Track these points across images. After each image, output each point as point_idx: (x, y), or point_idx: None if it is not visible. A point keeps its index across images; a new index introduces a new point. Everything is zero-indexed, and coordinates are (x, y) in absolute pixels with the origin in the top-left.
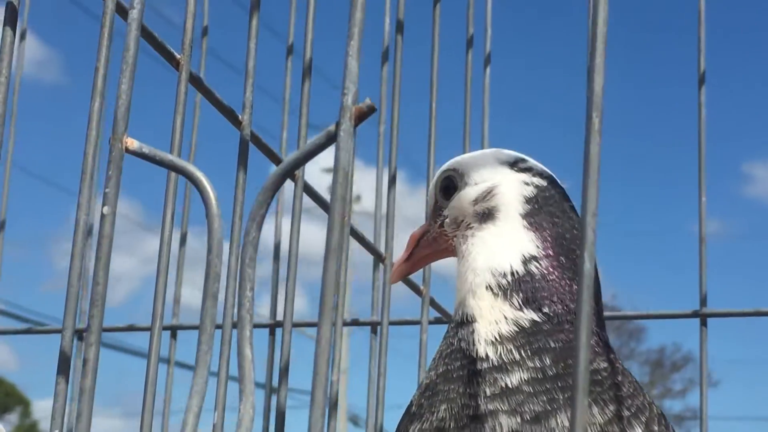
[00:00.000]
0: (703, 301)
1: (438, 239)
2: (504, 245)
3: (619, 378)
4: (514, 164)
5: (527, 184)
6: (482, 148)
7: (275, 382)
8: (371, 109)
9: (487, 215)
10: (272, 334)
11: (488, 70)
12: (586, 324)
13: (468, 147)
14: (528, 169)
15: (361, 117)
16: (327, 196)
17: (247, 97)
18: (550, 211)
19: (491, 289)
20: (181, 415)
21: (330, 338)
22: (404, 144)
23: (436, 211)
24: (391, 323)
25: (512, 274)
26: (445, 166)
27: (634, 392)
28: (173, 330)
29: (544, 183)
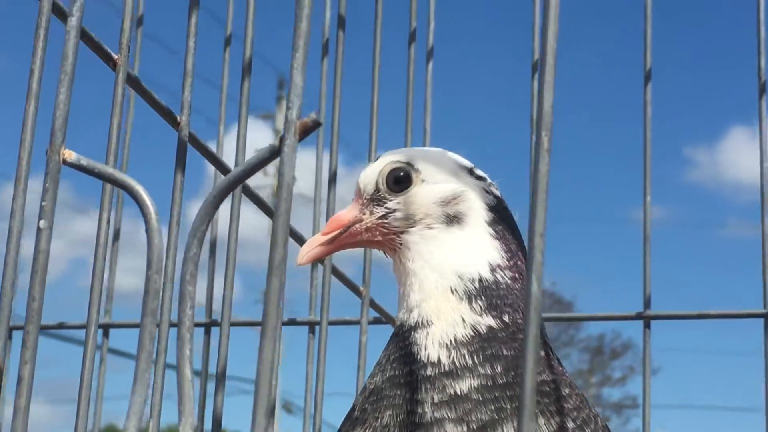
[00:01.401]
0: (647, 303)
1: (372, 230)
2: (472, 251)
3: (566, 390)
4: (471, 171)
5: (488, 192)
6: (424, 141)
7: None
8: (316, 124)
9: (454, 219)
10: (207, 333)
11: (431, 64)
12: (533, 346)
13: (410, 139)
14: (483, 178)
15: (305, 131)
16: (260, 176)
17: (185, 97)
18: (509, 222)
19: (456, 293)
20: (113, 402)
21: (274, 360)
22: (344, 134)
23: (375, 201)
24: (330, 323)
25: (480, 280)
26: (393, 156)
27: (580, 404)
28: (105, 328)
29: (498, 194)
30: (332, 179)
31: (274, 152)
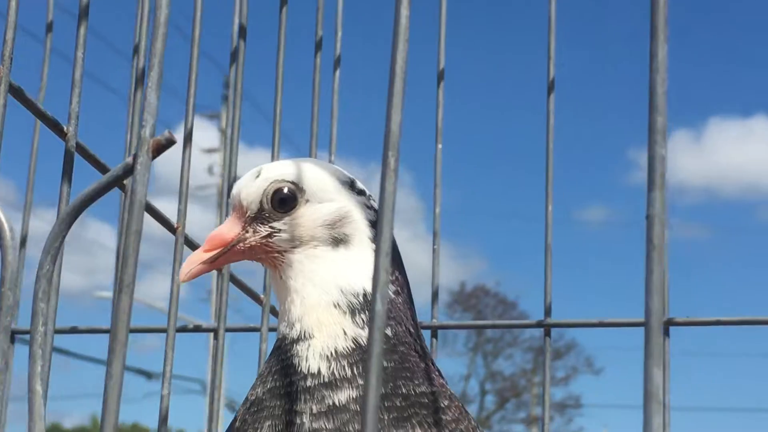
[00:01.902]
0: (548, 312)
1: (256, 249)
2: (357, 269)
3: (445, 402)
4: (352, 185)
5: (368, 207)
6: (330, 153)
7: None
8: (170, 142)
9: (341, 240)
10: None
11: (338, 72)
12: (376, 364)
13: (315, 150)
14: (363, 192)
15: (159, 149)
16: (206, 176)
17: (72, 108)
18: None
19: (339, 307)
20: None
21: (121, 374)
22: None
23: (259, 220)
24: (231, 330)
25: (364, 295)
26: (276, 175)
27: (459, 416)
28: (12, 334)
29: (376, 207)
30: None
31: (128, 170)
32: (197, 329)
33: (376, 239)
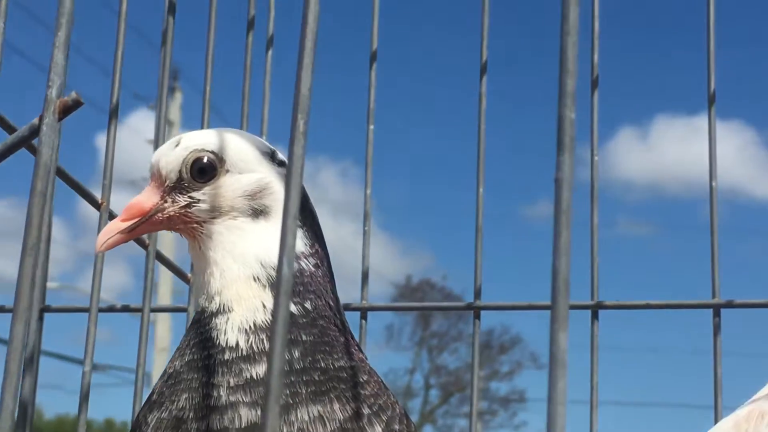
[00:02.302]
0: (477, 294)
1: (174, 219)
2: (276, 241)
3: (364, 377)
4: (273, 156)
5: None
6: (261, 133)
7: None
8: (77, 103)
9: (260, 212)
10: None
11: (271, 51)
12: (282, 329)
13: (246, 127)
14: (284, 163)
15: (66, 110)
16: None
17: None
18: (309, 208)
19: (259, 280)
20: None
21: (23, 336)
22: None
23: (178, 189)
24: (158, 310)
25: None
26: (195, 144)
27: (378, 391)
28: None
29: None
30: None
31: (34, 131)
32: (125, 309)
33: (285, 207)
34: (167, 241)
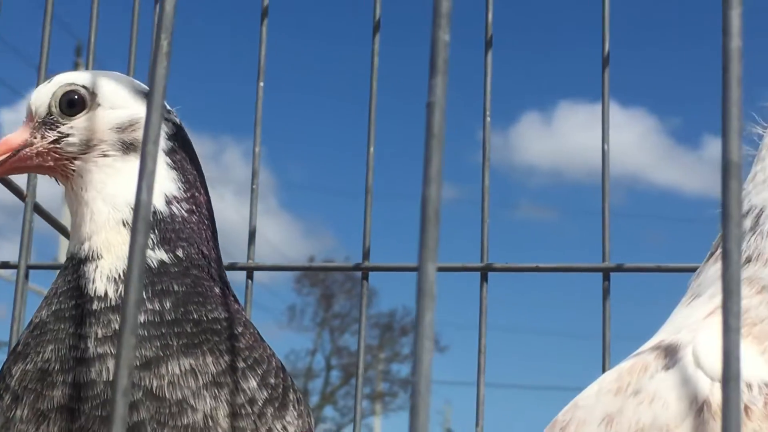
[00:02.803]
0: (366, 255)
1: (44, 155)
2: None
3: (240, 329)
4: (148, 95)
5: (167, 120)
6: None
7: None
8: None
9: (131, 147)
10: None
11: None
12: (139, 258)
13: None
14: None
15: None
16: None
17: None
18: (188, 152)
19: (128, 226)
20: None
21: None
22: None
23: (47, 124)
24: (37, 267)
25: (154, 213)
26: (66, 79)
27: (253, 344)
28: None
29: (177, 121)
30: None
31: None
32: (4, 266)
33: (171, 153)
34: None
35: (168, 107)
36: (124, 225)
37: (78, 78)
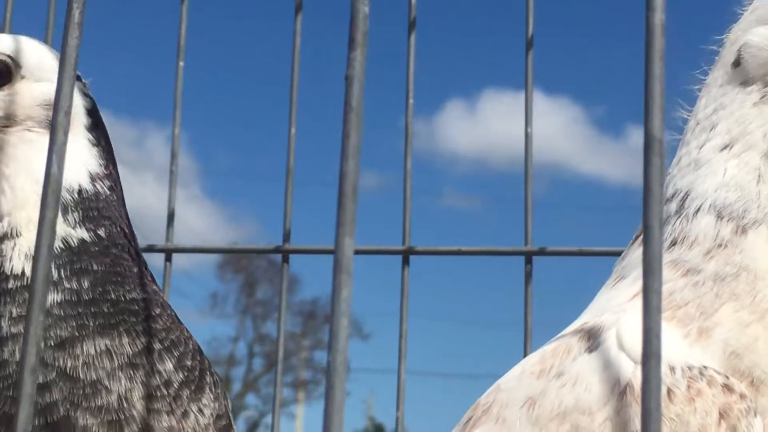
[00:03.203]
0: (287, 237)
1: None
2: (73, 160)
3: (157, 310)
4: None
5: (85, 95)
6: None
7: None
8: None
9: None
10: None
11: None
12: (48, 234)
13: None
14: (80, 78)
15: None
16: None
17: None
18: (103, 127)
19: None
20: None
21: None
22: None
23: None
24: None
25: (80, 192)
26: None
27: (170, 326)
28: None
29: (93, 97)
30: None
31: None
32: None
33: (91, 129)
34: None
35: (83, 80)
36: None
37: (7, 48)
